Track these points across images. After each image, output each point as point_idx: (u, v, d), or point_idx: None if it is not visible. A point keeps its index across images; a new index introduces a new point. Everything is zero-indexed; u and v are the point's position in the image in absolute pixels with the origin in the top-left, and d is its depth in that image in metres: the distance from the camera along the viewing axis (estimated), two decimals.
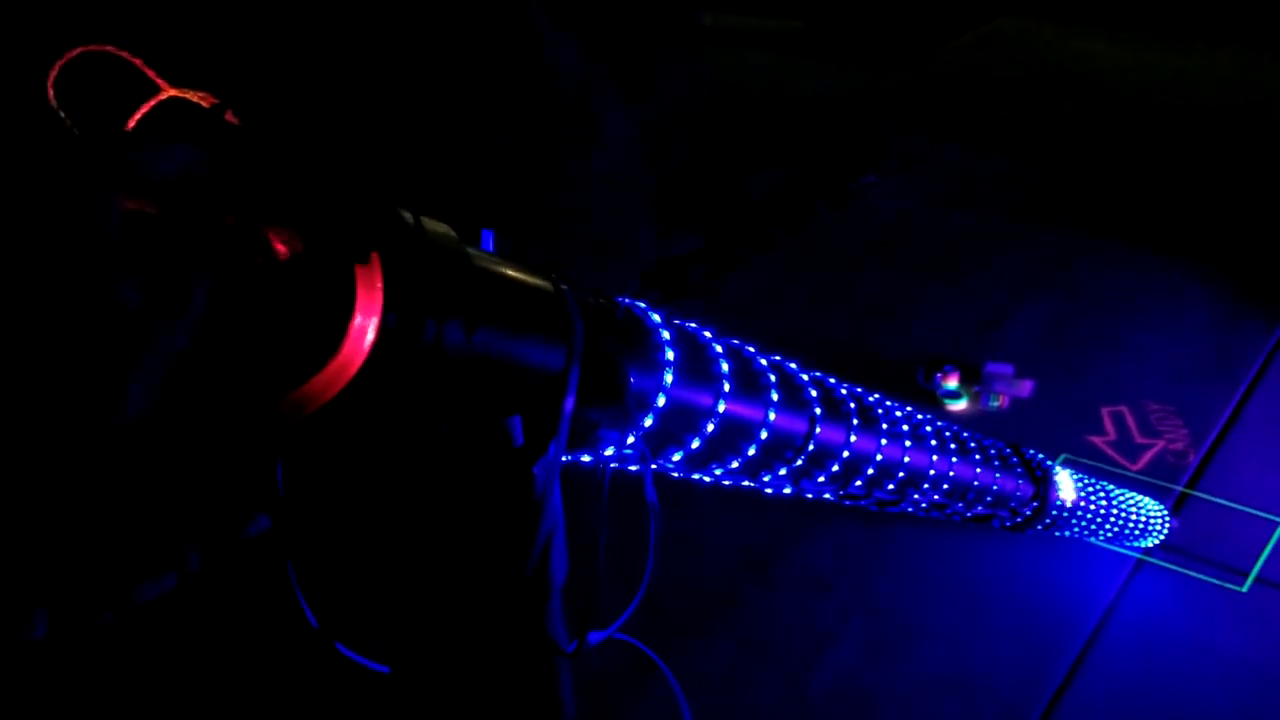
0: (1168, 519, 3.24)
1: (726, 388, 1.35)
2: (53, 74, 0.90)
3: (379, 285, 0.83)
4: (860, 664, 2.89)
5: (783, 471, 1.56)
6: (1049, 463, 2.80)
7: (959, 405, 3.93)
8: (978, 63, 7.52)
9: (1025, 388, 3.94)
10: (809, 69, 7.44)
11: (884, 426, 1.83)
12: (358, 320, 0.83)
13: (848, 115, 6.65)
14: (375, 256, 0.84)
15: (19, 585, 2.97)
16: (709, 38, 6.09)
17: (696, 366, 1.32)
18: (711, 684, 2.79)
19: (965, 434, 2.36)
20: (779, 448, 1.51)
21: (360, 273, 0.83)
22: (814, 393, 1.61)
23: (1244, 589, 3.15)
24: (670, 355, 1.25)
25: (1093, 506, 2.92)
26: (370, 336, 0.83)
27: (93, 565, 3.09)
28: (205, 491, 3.16)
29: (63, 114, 0.90)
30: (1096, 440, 3.79)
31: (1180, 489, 3.55)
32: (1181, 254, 4.97)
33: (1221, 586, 3.15)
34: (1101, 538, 3.11)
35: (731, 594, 3.12)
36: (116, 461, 2.94)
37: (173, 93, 0.92)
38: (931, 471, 2.02)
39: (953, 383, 3.95)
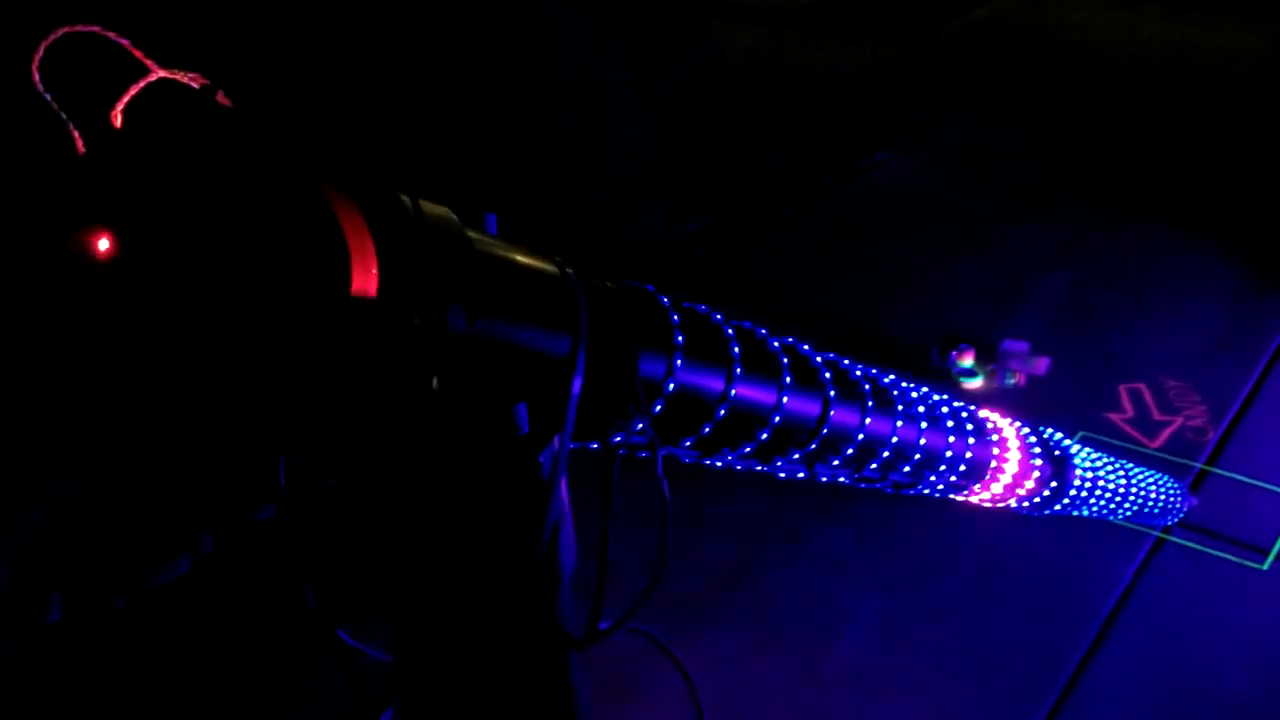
0: (1187, 497, 3.20)
1: (738, 371, 1.32)
2: (37, 55, 0.87)
3: (374, 271, 0.81)
4: (875, 646, 2.87)
5: (796, 455, 1.53)
6: (1066, 441, 2.76)
7: (974, 384, 3.89)
8: (992, 37, 7.42)
9: (1041, 365, 3.89)
10: (819, 45, 7.36)
11: (899, 408, 1.80)
12: None
13: (858, 92, 6.57)
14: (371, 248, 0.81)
15: (33, 570, 2.98)
16: (718, 14, 6.03)
17: (707, 350, 1.29)
18: (724, 666, 2.78)
19: (981, 414, 2.33)
20: (792, 431, 1.49)
21: (355, 257, 0.80)
22: (828, 375, 1.58)
23: (1264, 567, 3.11)
24: (680, 339, 1.22)
25: (1111, 485, 2.88)
26: None
27: (106, 550, 3.09)
28: (216, 475, 3.16)
29: (48, 96, 0.88)
30: (1114, 418, 3.74)
31: (1199, 466, 3.51)
32: (1199, 229, 4.90)
33: (1241, 565, 3.11)
34: (1120, 517, 3.07)
35: (744, 577, 3.10)
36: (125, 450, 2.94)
37: (162, 74, 0.89)
38: (948, 453, 1.99)
39: (968, 361, 3.91)
